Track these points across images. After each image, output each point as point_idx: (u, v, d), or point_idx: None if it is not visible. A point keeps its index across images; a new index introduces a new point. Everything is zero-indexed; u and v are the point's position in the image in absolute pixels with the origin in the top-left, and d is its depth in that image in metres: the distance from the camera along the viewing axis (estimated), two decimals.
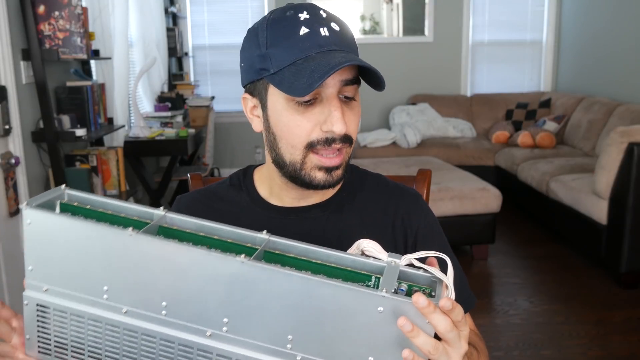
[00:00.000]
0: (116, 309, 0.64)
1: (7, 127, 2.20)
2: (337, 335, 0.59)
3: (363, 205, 0.91)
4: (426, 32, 5.27)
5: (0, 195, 2.18)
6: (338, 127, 0.77)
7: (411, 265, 0.64)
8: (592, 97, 4.47)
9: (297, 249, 0.65)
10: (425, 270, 0.63)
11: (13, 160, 2.21)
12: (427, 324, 0.58)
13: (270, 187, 0.90)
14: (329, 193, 0.90)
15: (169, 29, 4.53)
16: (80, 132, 2.48)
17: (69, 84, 2.67)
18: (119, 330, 0.65)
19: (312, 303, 0.59)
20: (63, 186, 0.70)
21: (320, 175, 0.81)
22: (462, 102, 5.20)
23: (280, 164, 0.83)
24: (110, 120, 3.08)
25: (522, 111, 4.95)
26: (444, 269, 0.62)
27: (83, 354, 0.67)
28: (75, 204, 0.69)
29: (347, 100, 0.80)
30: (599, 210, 2.99)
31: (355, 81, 0.79)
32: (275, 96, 0.80)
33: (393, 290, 0.58)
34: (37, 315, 0.67)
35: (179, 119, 3.80)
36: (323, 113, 0.78)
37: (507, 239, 3.69)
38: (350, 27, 0.84)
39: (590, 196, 3.07)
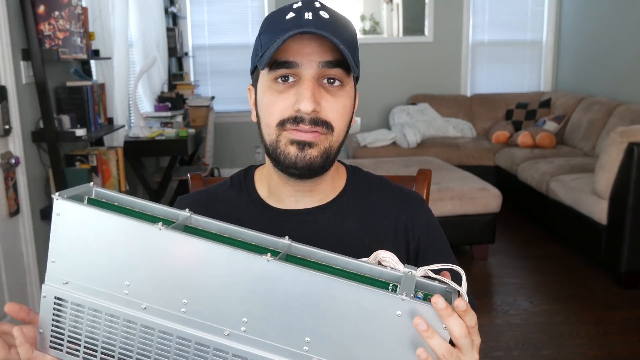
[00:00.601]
0: (135, 305, 0.64)
1: (7, 127, 2.20)
2: (353, 339, 0.60)
3: (365, 208, 0.90)
4: (426, 32, 5.27)
5: (0, 196, 2.18)
6: (303, 105, 0.76)
7: (427, 277, 0.65)
8: (592, 97, 4.47)
9: (318, 256, 0.66)
10: (440, 281, 0.64)
11: (13, 160, 2.21)
12: (443, 329, 0.59)
13: (269, 186, 0.90)
14: (329, 195, 0.90)
15: (169, 29, 4.52)
16: (80, 132, 2.48)
17: (69, 84, 2.67)
18: (135, 327, 0.65)
19: (332, 305, 0.60)
20: (91, 183, 0.71)
21: (292, 151, 0.79)
22: (462, 102, 5.20)
23: (265, 148, 0.84)
24: (110, 120, 3.08)
25: (522, 111, 4.95)
26: (455, 279, 0.64)
27: (96, 351, 0.67)
28: (103, 200, 0.69)
29: (330, 85, 0.80)
30: (599, 210, 2.99)
31: (337, 64, 0.78)
32: (262, 79, 0.82)
33: (412, 295, 0.59)
34: (54, 309, 0.68)
35: (179, 119, 3.80)
36: (297, 94, 0.78)
37: (507, 239, 3.69)
38: (350, 24, 0.83)
39: (590, 196, 3.07)
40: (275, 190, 0.89)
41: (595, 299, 2.81)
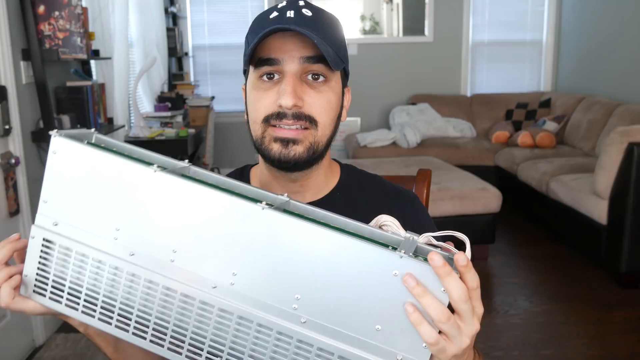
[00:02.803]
0: (123, 251, 0.63)
1: (7, 127, 2.20)
2: (346, 299, 0.58)
3: (357, 205, 0.90)
4: (426, 32, 5.27)
5: (0, 196, 2.18)
6: (284, 100, 0.77)
7: (429, 244, 0.63)
8: (592, 97, 4.47)
9: (316, 214, 0.64)
10: (442, 249, 0.61)
11: (13, 160, 2.21)
12: (442, 292, 0.56)
13: (261, 182, 0.91)
14: (321, 192, 0.90)
15: (169, 29, 4.53)
16: None
17: (69, 84, 2.67)
18: (121, 275, 0.64)
19: (326, 260, 0.58)
20: (93, 129, 0.70)
21: (275, 147, 0.80)
22: (462, 102, 5.20)
23: (253, 144, 0.85)
24: (110, 120, 3.08)
25: (522, 111, 4.95)
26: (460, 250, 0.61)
27: (79, 297, 0.66)
28: (102, 145, 0.68)
29: (314, 80, 0.80)
30: (599, 210, 2.99)
31: (319, 60, 0.79)
32: (249, 78, 0.84)
33: (411, 254, 0.57)
34: (41, 251, 0.67)
35: (179, 119, 3.80)
36: (280, 89, 0.79)
37: (507, 239, 3.69)
38: (335, 21, 0.84)
39: (590, 196, 3.07)
40: (266, 186, 0.89)
41: (595, 299, 2.81)
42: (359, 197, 0.92)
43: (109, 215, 0.63)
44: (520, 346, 2.39)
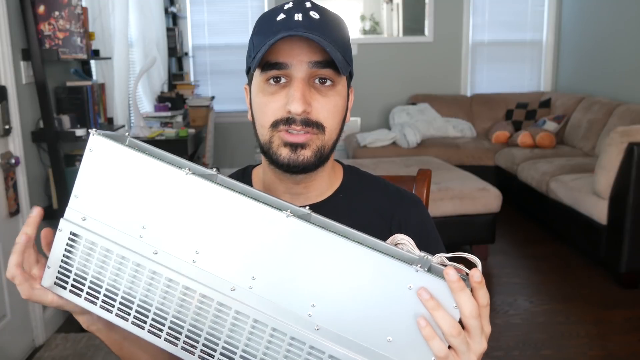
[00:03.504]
0: (147, 249, 0.65)
1: (7, 127, 2.20)
2: (360, 309, 0.59)
3: (360, 207, 0.90)
4: (426, 32, 5.27)
5: (0, 195, 2.18)
6: (294, 107, 0.77)
7: (442, 265, 0.64)
8: (592, 97, 4.47)
9: (336, 228, 0.66)
10: (456, 269, 0.63)
11: (13, 160, 2.21)
12: (454, 308, 0.58)
13: (264, 183, 0.90)
14: (325, 194, 0.90)
15: (169, 29, 4.52)
16: (80, 132, 2.48)
17: (69, 84, 2.67)
18: (142, 272, 0.65)
19: (344, 270, 0.59)
20: (127, 133, 0.72)
21: (284, 152, 0.80)
22: (462, 102, 5.20)
23: (259, 147, 0.85)
24: (110, 120, 3.08)
25: (522, 111, 4.95)
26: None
27: (99, 292, 0.67)
28: (135, 147, 0.70)
29: (321, 85, 0.80)
30: (599, 210, 2.99)
31: (327, 64, 0.79)
32: (255, 80, 0.83)
33: (426, 269, 0.58)
34: (67, 244, 0.68)
35: (179, 119, 3.80)
36: (288, 95, 0.79)
37: (507, 239, 3.69)
38: (341, 22, 0.84)
39: (590, 196, 3.07)
40: (269, 187, 0.89)
41: (595, 299, 2.81)
42: (361, 198, 0.91)
43: (137, 214, 0.65)
44: (521, 346, 2.39)
